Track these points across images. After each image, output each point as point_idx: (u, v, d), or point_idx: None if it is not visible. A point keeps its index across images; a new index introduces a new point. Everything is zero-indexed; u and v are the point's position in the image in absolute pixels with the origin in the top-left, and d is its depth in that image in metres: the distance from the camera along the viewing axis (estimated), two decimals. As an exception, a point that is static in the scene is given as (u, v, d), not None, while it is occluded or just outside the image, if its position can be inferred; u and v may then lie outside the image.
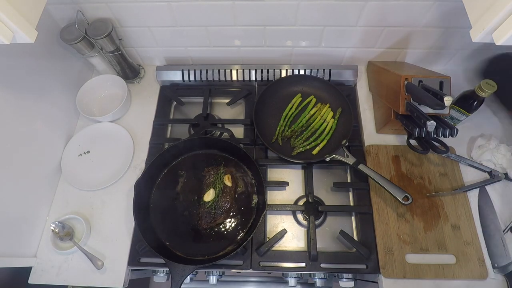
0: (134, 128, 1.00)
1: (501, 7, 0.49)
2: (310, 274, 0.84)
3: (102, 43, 0.91)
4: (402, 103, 0.80)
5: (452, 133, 0.75)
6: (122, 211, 0.88)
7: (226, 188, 0.85)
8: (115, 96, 1.04)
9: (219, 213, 0.82)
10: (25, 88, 0.81)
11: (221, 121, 1.01)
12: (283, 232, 0.83)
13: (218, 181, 0.85)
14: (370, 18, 0.87)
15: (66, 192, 0.91)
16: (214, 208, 0.82)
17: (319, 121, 0.96)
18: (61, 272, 0.81)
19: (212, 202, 0.82)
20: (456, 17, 0.84)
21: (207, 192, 0.84)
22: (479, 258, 0.77)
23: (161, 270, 0.86)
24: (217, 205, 0.83)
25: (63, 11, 0.89)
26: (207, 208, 0.82)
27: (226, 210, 0.83)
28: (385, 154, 0.91)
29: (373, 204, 0.85)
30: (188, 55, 1.06)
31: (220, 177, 0.85)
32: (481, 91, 0.76)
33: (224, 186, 0.84)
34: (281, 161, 0.91)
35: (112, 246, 0.84)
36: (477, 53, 0.98)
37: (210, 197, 0.83)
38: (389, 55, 1.02)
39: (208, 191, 0.84)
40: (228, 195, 0.84)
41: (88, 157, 0.96)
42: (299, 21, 0.89)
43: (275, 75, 1.04)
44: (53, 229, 0.82)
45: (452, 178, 0.87)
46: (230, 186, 0.85)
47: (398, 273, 0.76)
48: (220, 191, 0.84)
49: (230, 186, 0.85)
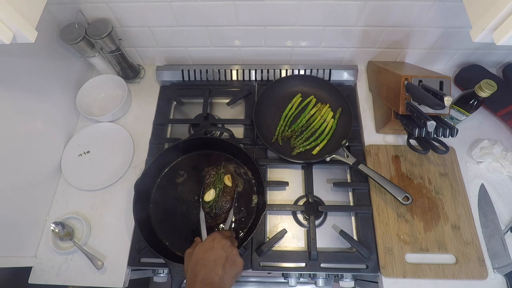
0: (134, 128, 1.00)
1: (501, 7, 0.49)
2: (310, 274, 0.84)
3: (102, 43, 0.91)
4: (402, 103, 0.80)
5: (452, 133, 0.75)
6: (122, 211, 0.88)
7: (227, 188, 0.84)
8: (115, 96, 1.04)
9: (219, 213, 0.82)
10: (25, 88, 0.81)
11: (221, 121, 1.01)
12: (283, 232, 0.83)
13: (218, 181, 0.84)
14: (370, 18, 0.87)
15: (66, 192, 0.91)
16: (214, 208, 0.82)
17: (319, 121, 0.96)
18: (61, 272, 0.81)
19: (212, 202, 0.82)
20: (456, 17, 0.84)
21: (207, 192, 0.83)
22: (479, 258, 0.77)
23: (161, 270, 0.86)
24: (217, 205, 0.82)
25: (63, 11, 0.88)
26: (207, 208, 0.82)
27: (227, 210, 0.82)
28: (385, 154, 0.91)
29: (373, 204, 0.85)
30: (188, 55, 1.06)
31: (221, 177, 0.85)
32: (481, 91, 0.76)
33: (224, 186, 0.84)
34: (281, 161, 0.91)
35: (112, 246, 0.84)
36: (477, 53, 0.98)
37: (210, 197, 0.82)
38: (389, 55, 1.02)
39: (208, 191, 0.83)
40: (229, 195, 0.83)
41: (88, 157, 0.96)
42: (299, 21, 0.89)
43: (275, 75, 1.04)
44: (53, 229, 0.82)
45: (452, 178, 0.87)
46: (231, 186, 0.84)
47: (398, 273, 0.76)
48: (220, 191, 0.83)
49: (231, 186, 0.84)
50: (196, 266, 0.61)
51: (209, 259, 0.62)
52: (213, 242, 0.64)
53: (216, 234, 0.67)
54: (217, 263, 0.61)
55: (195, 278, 0.59)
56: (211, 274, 0.59)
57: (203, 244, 0.65)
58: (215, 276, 0.59)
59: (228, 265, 0.62)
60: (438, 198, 0.85)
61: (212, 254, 0.62)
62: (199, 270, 0.60)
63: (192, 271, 0.61)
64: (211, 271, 0.60)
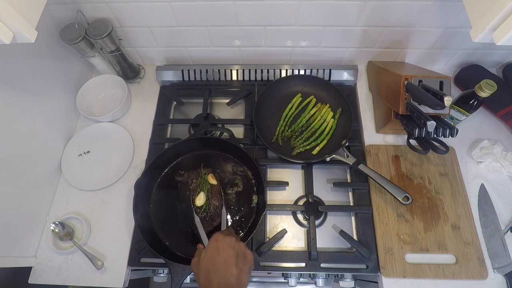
0: (134, 128, 1.00)
1: (501, 7, 0.49)
2: (310, 274, 0.84)
3: (102, 43, 0.91)
4: (402, 103, 0.80)
5: (452, 133, 0.75)
6: (122, 211, 0.88)
7: (213, 187, 0.82)
8: (115, 96, 1.04)
9: (214, 214, 0.80)
10: (25, 88, 0.81)
11: (221, 121, 1.01)
12: (283, 232, 0.83)
13: (203, 182, 0.82)
14: (370, 18, 0.87)
15: (66, 192, 0.91)
16: (208, 211, 0.80)
17: (319, 121, 0.96)
18: (61, 272, 0.81)
19: (205, 205, 0.80)
20: (456, 17, 0.84)
21: (197, 197, 0.81)
22: (479, 258, 0.77)
23: (161, 270, 0.86)
24: (210, 207, 0.80)
25: (63, 11, 0.88)
26: (202, 213, 0.79)
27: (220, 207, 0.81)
28: (385, 154, 0.91)
29: (373, 204, 0.85)
30: (188, 55, 1.06)
31: (204, 178, 0.83)
32: (481, 91, 0.76)
33: (210, 186, 0.82)
34: (281, 161, 0.91)
35: (112, 246, 0.84)
36: (477, 53, 0.98)
37: (202, 200, 0.80)
38: (389, 55, 1.02)
39: (197, 195, 0.81)
40: (217, 193, 0.82)
41: (88, 157, 0.96)
42: (299, 21, 0.89)
43: (275, 75, 1.04)
44: (53, 229, 0.82)
45: (452, 178, 0.87)
46: (216, 184, 0.83)
47: (398, 273, 0.76)
48: (209, 191, 0.81)
49: (216, 184, 0.83)
50: (209, 274, 0.57)
51: (219, 262, 0.58)
52: (217, 243, 0.61)
53: (218, 234, 0.64)
54: (229, 263, 0.58)
55: (211, 286, 0.56)
56: (226, 276, 0.56)
57: (208, 249, 0.62)
58: (230, 277, 0.56)
59: (240, 261, 0.59)
60: (438, 198, 0.85)
61: (220, 256, 0.59)
62: (213, 276, 0.56)
63: (206, 280, 0.57)
64: (226, 273, 0.57)
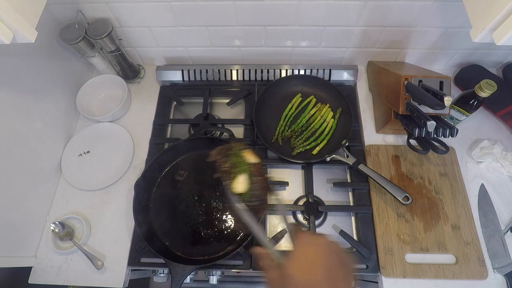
0: (134, 128, 1.00)
1: (501, 7, 0.49)
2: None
3: (102, 43, 0.91)
4: (402, 103, 0.80)
5: (452, 133, 0.75)
6: (122, 211, 0.88)
7: (254, 167, 0.58)
8: (115, 96, 1.04)
9: (260, 203, 0.57)
10: (25, 88, 0.81)
11: (221, 121, 1.01)
12: (283, 232, 0.83)
13: (239, 162, 0.58)
14: (370, 18, 0.87)
15: (66, 192, 0.91)
16: (252, 199, 0.56)
17: (319, 121, 0.96)
18: (61, 272, 0.81)
19: (248, 192, 0.56)
20: (456, 17, 0.84)
21: (234, 182, 0.57)
22: (479, 258, 0.77)
23: (161, 270, 0.85)
24: (254, 193, 0.57)
25: (63, 11, 0.89)
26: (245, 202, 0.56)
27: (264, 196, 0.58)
28: (385, 154, 0.91)
29: (373, 204, 0.85)
30: (188, 55, 1.06)
31: (240, 156, 0.59)
32: (481, 91, 0.76)
33: (251, 166, 0.58)
34: (281, 161, 0.91)
35: (112, 246, 0.84)
36: (477, 53, 0.98)
37: (243, 186, 0.56)
38: (389, 55, 1.02)
39: (235, 180, 0.57)
40: (260, 175, 0.58)
41: (88, 157, 0.96)
42: (299, 21, 0.89)
43: (275, 75, 1.04)
44: (53, 229, 0.82)
45: (452, 178, 0.87)
46: (258, 162, 0.59)
47: (398, 273, 0.76)
48: (251, 174, 0.58)
49: (258, 162, 0.59)
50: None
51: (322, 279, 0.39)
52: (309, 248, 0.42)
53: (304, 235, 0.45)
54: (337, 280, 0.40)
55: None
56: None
57: (295, 259, 0.42)
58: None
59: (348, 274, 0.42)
60: (438, 198, 0.84)
61: (323, 270, 0.40)
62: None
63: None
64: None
